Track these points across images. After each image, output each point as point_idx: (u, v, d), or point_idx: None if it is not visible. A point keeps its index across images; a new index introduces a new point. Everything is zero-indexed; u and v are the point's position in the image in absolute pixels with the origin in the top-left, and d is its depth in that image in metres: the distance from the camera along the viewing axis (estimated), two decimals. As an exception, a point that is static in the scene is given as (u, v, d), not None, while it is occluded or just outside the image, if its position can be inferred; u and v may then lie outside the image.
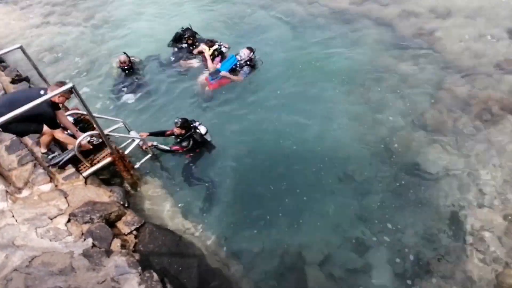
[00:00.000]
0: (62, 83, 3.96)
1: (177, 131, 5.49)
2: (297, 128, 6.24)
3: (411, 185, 5.34)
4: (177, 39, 7.75)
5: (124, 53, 7.04)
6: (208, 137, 5.77)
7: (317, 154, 5.80)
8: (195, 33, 7.78)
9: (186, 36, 7.54)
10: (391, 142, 5.90)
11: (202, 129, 5.66)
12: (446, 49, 7.60)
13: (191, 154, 5.76)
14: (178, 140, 5.65)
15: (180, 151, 5.69)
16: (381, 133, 6.07)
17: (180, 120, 5.49)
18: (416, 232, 4.84)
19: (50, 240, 3.82)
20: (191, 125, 5.61)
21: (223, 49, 7.35)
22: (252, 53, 7.04)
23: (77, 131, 4.74)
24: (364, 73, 7.26)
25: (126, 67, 7.02)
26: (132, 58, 7.21)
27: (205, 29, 8.33)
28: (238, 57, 6.99)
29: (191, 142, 5.59)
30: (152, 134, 5.60)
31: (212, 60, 7.20)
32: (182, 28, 7.71)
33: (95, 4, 10.37)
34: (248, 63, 7.04)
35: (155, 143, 5.76)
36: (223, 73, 6.92)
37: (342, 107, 6.59)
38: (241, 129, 6.30)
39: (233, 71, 6.99)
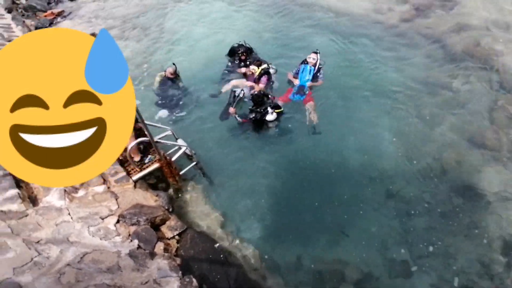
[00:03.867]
0: None
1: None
2: (342, 140, 6.16)
3: (462, 207, 5.05)
4: (232, 53, 7.97)
5: (173, 64, 7.37)
6: (270, 124, 6.18)
7: (362, 168, 5.69)
8: (250, 49, 7.93)
9: (239, 52, 7.72)
10: (442, 161, 5.64)
11: (269, 116, 6.02)
12: (503, 66, 7.17)
13: (249, 124, 6.43)
14: (250, 108, 6.31)
15: (243, 122, 6.42)
16: (432, 151, 5.82)
17: (259, 93, 6.25)
18: (467, 259, 4.55)
19: (101, 239, 4.06)
20: (265, 102, 6.19)
21: (271, 70, 7.29)
22: (318, 55, 7.15)
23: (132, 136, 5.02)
24: (414, 88, 7.04)
25: (172, 78, 7.34)
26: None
27: (252, 42, 8.53)
28: (310, 62, 7.08)
29: (254, 117, 6.11)
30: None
31: (259, 80, 7.13)
32: (238, 43, 7.92)
33: (152, 19, 11.03)
34: (320, 66, 7.16)
35: (235, 115, 6.51)
36: (309, 83, 6.98)
37: (390, 122, 6.42)
38: (285, 140, 6.34)
39: (314, 78, 7.08)
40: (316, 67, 7.09)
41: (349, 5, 10.35)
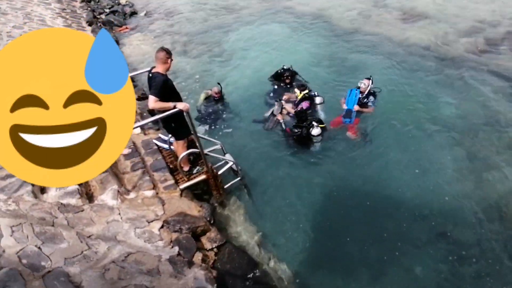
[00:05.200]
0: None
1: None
2: (394, 173, 5.93)
3: (523, 260, 4.57)
4: (276, 76, 8.10)
5: (218, 83, 7.61)
6: (315, 139, 6.24)
7: (413, 204, 5.40)
8: (295, 73, 8.03)
9: (285, 75, 7.84)
10: (501, 206, 5.19)
11: (314, 130, 6.13)
12: None
13: (294, 137, 6.51)
14: (294, 124, 6.53)
15: (287, 131, 6.62)
16: (489, 194, 5.39)
17: (300, 110, 6.51)
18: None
19: (145, 241, 4.24)
20: (308, 119, 6.37)
21: (317, 99, 7.20)
22: (371, 81, 7.03)
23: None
24: (476, 125, 6.63)
25: (217, 97, 7.55)
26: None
27: (309, 65, 8.60)
28: (361, 87, 7.01)
29: (300, 132, 6.29)
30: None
31: (299, 104, 7.06)
32: (283, 67, 8.05)
33: (215, 38, 11.65)
34: (372, 92, 7.04)
35: (282, 121, 6.82)
36: (356, 107, 6.89)
37: (446, 158, 6.07)
38: (330, 165, 6.24)
39: (361, 104, 6.99)
40: (365, 93, 6.96)
41: (415, 36, 10.12)
